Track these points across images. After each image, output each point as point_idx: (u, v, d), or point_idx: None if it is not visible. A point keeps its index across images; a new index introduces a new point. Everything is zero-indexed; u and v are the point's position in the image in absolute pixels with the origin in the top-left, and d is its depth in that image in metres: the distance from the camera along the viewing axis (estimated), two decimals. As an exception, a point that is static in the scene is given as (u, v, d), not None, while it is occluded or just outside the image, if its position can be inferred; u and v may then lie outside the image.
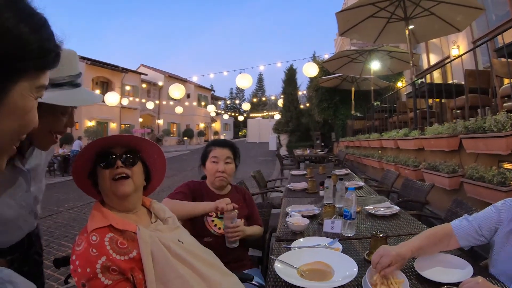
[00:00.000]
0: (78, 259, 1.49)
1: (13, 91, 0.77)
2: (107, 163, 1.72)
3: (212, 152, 3.01)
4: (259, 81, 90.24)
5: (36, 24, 0.79)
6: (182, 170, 18.76)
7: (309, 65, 13.72)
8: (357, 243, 2.41)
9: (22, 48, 0.76)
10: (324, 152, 15.44)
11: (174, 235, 1.78)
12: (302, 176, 6.35)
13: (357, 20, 9.43)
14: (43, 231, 6.66)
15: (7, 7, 0.74)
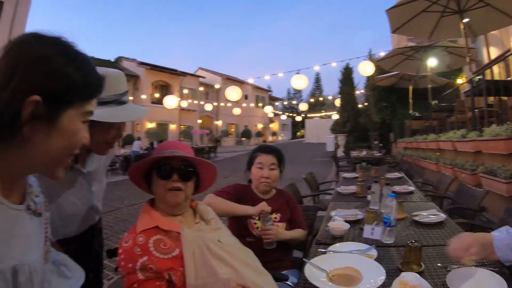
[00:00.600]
0: (123, 254, 1.69)
1: (63, 118, 0.99)
2: (163, 174, 1.87)
3: (258, 158, 3.07)
4: (316, 81, 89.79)
5: (80, 64, 1.03)
6: (239, 171, 18.80)
7: (365, 64, 13.55)
8: (395, 251, 2.37)
9: (69, 84, 0.98)
10: (380, 154, 14.91)
11: (215, 235, 1.88)
12: (354, 179, 6.19)
13: (409, 16, 8.99)
14: (104, 225, 6.98)
15: (56, 53, 0.98)
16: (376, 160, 13.21)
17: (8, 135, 0.93)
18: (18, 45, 0.97)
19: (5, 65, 0.94)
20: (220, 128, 51.66)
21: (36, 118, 0.93)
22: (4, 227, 0.98)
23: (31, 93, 0.91)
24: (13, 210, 1.02)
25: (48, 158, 1.02)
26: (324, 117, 58.18)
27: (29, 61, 0.94)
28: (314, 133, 52.00)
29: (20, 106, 0.91)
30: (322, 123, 51.36)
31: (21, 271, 0.99)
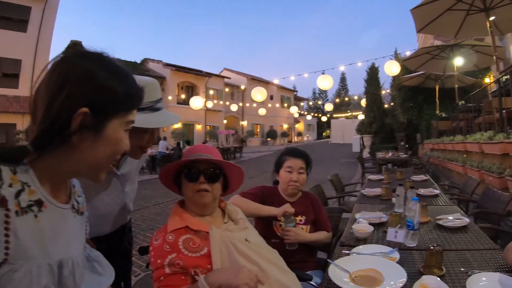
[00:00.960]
0: (154, 251, 1.80)
1: (108, 127, 1.09)
2: (191, 177, 1.95)
3: (287, 162, 3.14)
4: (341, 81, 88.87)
5: (122, 78, 1.13)
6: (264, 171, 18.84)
7: (391, 63, 13.36)
8: (417, 254, 2.39)
9: (113, 98, 1.09)
10: (407, 155, 14.68)
11: (243, 234, 1.97)
12: (379, 181, 6.14)
13: (434, 15, 8.84)
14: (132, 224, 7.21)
15: (101, 69, 1.08)
16: (402, 161, 13.03)
17: (59, 143, 1.03)
18: (65, 61, 1.07)
19: (55, 79, 1.03)
20: (246, 128, 51.68)
21: (84, 128, 1.03)
22: (53, 224, 1.08)
23: (80, 106, 1.01)
24: (60, 209, 1.13)
25: (93, 164, 1.12)
26: (349, 117, 57.68)
27: (77, 76, 1.03)
28: (339, 134, 51.58)
29: (70, 117, 1.01)
30: (347, 124, 50.92)
31: (65, 264, 1.10)
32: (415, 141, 20.77)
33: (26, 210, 0.98)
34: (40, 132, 1.01)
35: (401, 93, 19.69)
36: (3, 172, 0.96)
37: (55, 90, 1.02)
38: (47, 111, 1.01)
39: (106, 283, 1.44)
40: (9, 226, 0.93)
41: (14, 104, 25.83)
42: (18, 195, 0.97)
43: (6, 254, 0.92)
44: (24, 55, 27.03)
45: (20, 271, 0.95)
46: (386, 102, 29.35)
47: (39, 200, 1.04)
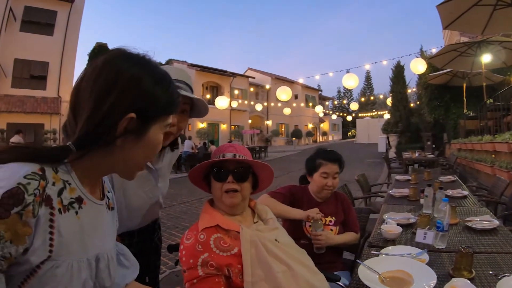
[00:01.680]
0: (185, 250, 1.80)
1: (149, 131, 1.14)
2: (220, 177, 1.96)
3: (323, 167, 3.09)
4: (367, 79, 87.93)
5: (165, 84, 1.18)
6: (290, 170, 18.87)
7: (417, 61, 13.15)
8: (446, 256, 2.37)
9: (156, 103, 1.13)
10: (433, 156, 14.46)
11: (272, 235, 1.97)
12: (406, 182, 6.09)
13: (460, 11, 8.56)
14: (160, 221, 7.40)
15: (146, 74, 1.12)
16: (429, 162, 12.89)
17: (102, 145, 1.06)
18: (113, 63, 1.10)
19: (102, 82, 1.06)
20: (270, 128, 51.57)
21: (128, 132, 1.08)
22: (92, 220, 1.14)
23: (127, 111, 1.05)
24: (98, 205, 1.19)
25: (131, 164, 1.17)
26: (375, 116, 57.15)
27: (124, 81, 1.06)
28: (365, 133, 51.13)
29: (117, 122, 1.05)
30: (373, 123, 50.42)
31: (102, 258, 1.16)
32: (441, 141, 20.39)
33: (68, 207, 1.04)
34: (84, 134, 1.04)
35: (428, 91, 19.26)
36: (46, 172, 0.98)
37: (102, 93, 1.05)
38: (93, 114, 1.03)
39: (131, 276, 1.49)
40: (53, 224, 0.97)
41: (42, 104, 26.51)
42: (61, 193, 1.02)
43: (50, 252, 0.96)
44: (51, 57, 27.81)
45: (62, 266, 0.99)
46: (412, 101, 28.98)
47: (79, 197, 1.09)
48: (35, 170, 0.95)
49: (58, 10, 28.58)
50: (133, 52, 1.16)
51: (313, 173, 3.15)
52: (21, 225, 0.89)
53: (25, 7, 27.16)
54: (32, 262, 0.93)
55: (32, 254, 0.93)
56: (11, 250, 0.88)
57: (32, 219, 0.91)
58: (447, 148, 18.93)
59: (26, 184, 0.91)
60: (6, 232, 0.86)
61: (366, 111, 66.66)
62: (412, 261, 2.19)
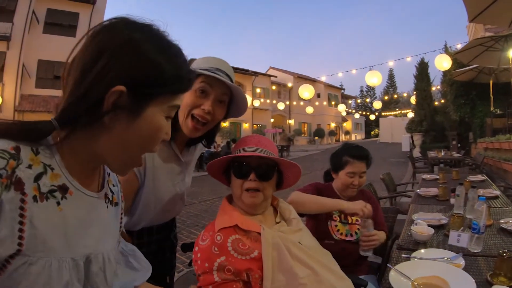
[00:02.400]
0: (200, 253, 1.66)
1: (147, 111, 0.95)
2: (240, 173, 1.80)
3: (350, 166, 2.89)
4: (390, 78, 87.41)
5: (172, 55, 0.98)
6: (313, 169, 18.88)
7: (441, 57, 12.85)
8: (483, 261, 2.21)
9: (159, 75, 0.94)
10: (460, 155, 14.13)
11: (296, 237, 1.81)
12: (434, 181, 5.92)
13: (487, 3, 7.97)
14: (176, 219, 7.41)
15: (148, 40, 0.93)
16: (455, 161, 12.68)
17: (88, 121, 0.91)
18: (107, 28, 0.94)
19: (93, 46, 0.91)
20: (293, 127, 51.63)
21: (118, 108, 0.91)
22: (81, 214, 0.98)
23: (116, 82, 0.89)
24: (90, 197, 1.02)
25: (122, 151, 0.99)
26: (398, 115, 56.64)
27: (117, 45, 0.91)
28: (388, 132, 50.81)
29: (104, 94, 0.89)
30: (396, 122, 50.10)
31: (94, 260, 1.00)
32: (467, 140, 19.89)
33: (47, 196, 0.88)
34: (68, 106, 0.90)
35: (453, 88, 18.85)
36: (22, 151, 0.85)
37: (90, 58, 0.90)
38: (79, 83, 0.89)
39: (141, 279, 1.34)
40: (24, 212, 0.83)
41: None
42: (39, 178, 0.87)
43: (20, 245, 0.82)
44: None
45: (37, 264, 0.85)
46: (436, 99, 28.62)
47: (64, 185, 0.93)
48: (6, 148, 0.82)
49: (80, 12, 29.36)
50: (138, 19, 0.98)
51: (338, 171, 2.96)
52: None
53: (48, 9, 28.04)
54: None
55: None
56: None
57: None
58: (473, 147, 18.33)
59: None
60: None
61: (390, 110, 66.20)
62: (447, 266, 2.04)
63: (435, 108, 26.58)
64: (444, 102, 24.41)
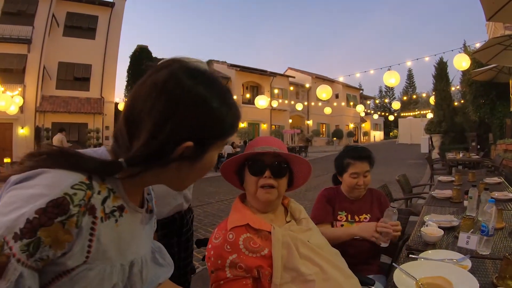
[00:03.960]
0: (213, 250, 1.72)
1: (208, 153, 1.08)
2: (255, 170, 1.86)
3: (351, 167, 2.93)
4: (409, 78, 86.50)
5: (230, 105, 1.09)
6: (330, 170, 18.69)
7: (460, 57, 12.64)
8: (490, 263, 2.21)
9: (221, 127, 1.07)
10: (478, 157, 13.89)
11: (305, 236, 1.86)
12: (449, 183, 5.87)
13: (504, 1, 7.69)
14: (194, 218, 7.57)
15: (213, 96, 1.03)
16: (474, 163, 12.48)
17: (156, 166, 1.03)
18: (176, 79, 1.01)
19: (164, 102, 0.99)
20: (311, 127, 51.50)
21: (184, 158, 1.03)
22: (130, 228, 1.11)
23: (187, 137, 1.00)
24: (139, 213, 1.16)
25: (186, 183, 1.16)
26: (417, 116, 56.16)
27: (190, 103, 1.00)
28: (407, 133, 50.42)
29: (174, 148, 0.99)
30: (415, 123, 49.66)
31: (136, 263, 1.14)
32: (487, 142, 19.47)
33: (109, 215, 1.01)
34: (139, 156, 0.99)
35: (472, 89, 18.49)
36: (94, 181, 0.97)
37: (163, 115, 0.98)
38: (151, 137, 0.98)
39: (164, 275, 1.47)
40: (94, 232, 0.95)
41: (85, 105, 27.80)
42: (104, 202, 1.00)
43: (87, 257, 0.95)
44: (94, 60, 29.29)
45: (95, 270, 0.97)
46: (456, 99, 28.25)
47: (122, 206, 1.06)
48: (83, 180, 0.94)
49: (99, 15, 30.08)
50: (195, 66, 1.07)
51: (342, 173, 3.02)
52: (62, 233, 0.88)
53: (67, 13, 28.73)
54: (68, 265, 0.92)
55: (69, 258, 0.92)
56: (49, 254, 0.87)
57: (75, 229, 0.90)
58: (493, 149, 17.94)
59: (73, 195, 0.90)
60: (46, 238, 0.85)
61: (409, 110, 65.54)
62: (453, 267, 2.04)
63: (454, 108, 26.09)
64: (463, 102, 24.09)
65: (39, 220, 0.84)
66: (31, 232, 0.83)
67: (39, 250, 0.85)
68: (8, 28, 25.64)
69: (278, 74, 45.62)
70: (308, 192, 12.39)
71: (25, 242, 0.83)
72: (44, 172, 0.91)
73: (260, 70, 42.79)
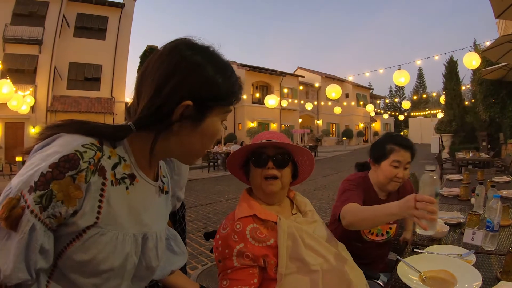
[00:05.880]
0: (221, 240, 1.81)
1: (207, 119, 1.16)
2: (259, 162, 1.91)
3: (395, 154, 2.63)
4: (419, 77, 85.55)
5: (227, 74, 1.19)
6: (339, 170, 18.90)
7: (470, 55, 12.49)
8: (495, 259, 2.22)
9: (216, 92, 1.15)
10: (488, 156, 13.78)
11: (310, 227, 1.93)
12: (458, 182, 5.83)
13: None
14: (203, 217, 8.84)
15: (209, 63, 1.14)
16: (484, 163, 12.40)
17: (160, 128, 1.12)
18: (177, 50, 1.14)
19: (165, 67, 1.11)
20: (321, 127, 51.37)
21: (185, 118, 1.11)
22: (143, 198, 1.21)
23: (185, 97, 1.09)
24: (151, 185, 1.26)
25: (188, 150, 1.21)
26: (428, 115, 55.75)
27: (186, 67, 1.10)
28: (417, 133, 49.96)
29: (174, 107, 1.09)
30: (426, 122, 49.32)
31: (150, 238, 1.23)
32: (498, 141, 19.36)
33: (119, 181, 1.11)
34: (144, 116, 1.10)
35: (482, 87, 18.32)
36: (104, 146, 1.07)
37: (163, 78, 1.10)
38: (154, 98, 1.09)
39: (178, 263, 1.60)
40: (104, 193, 1.05)
41: (96, 104, 28.03)
42: (115, 167, 1.10)
43: (97, 218, 1.04)
44: (104, 60, 29.61)
45: (107, 235, 1.06)
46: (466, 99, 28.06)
47: (133, 174, 1.17)
48: (94, 142, 1.04)
49: (109, 16, 30.44)
50: (197, 41, 1.19)
51: (381, 161, 2.69)
52: (73, 188, 0.97)
53: (78, 14, 29.12)
54: (79, 225, 1.01)
55: (80, 217, 1.01)
56: (61, 210, 0.96)
57: (84, 184, 0.99)
58: (503, 148, 17.77)
59: (83, 152, 0.99)
60: (58, 193, 0.94)
61: (419, 110, 64.98)
62: (457, 261, 2.05)
63: (465, 108, 25.91)
64: (474, 102, 23.92)
65: (52, 173, 0.94)
66: (45, 184, 0.93)
67: (52, 205, 0.94)
68: (20, 29, 25.99)
69: (287, 74, 45.56)
70: (317, 191, 12.50)
71: (39, 194, 0.93)
72: (60, 136, 1.03)
73: (270, 69, 42.86)
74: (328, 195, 11.68)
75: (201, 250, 6.00)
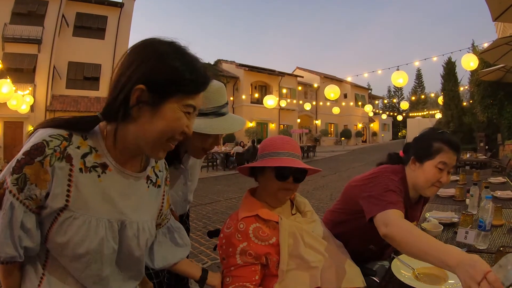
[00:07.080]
0: (225, 239, 1.88)
1: (165, 105, 1.19)
2: (282, 176, 1.93)
3: (443, 154, 2.27)
4: (417, 77, 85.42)
5: (187, 61, 1.22)
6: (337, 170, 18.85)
7: (468, 57, 12.54)
8: (487, 257, 2.27)
9: (175, 77, 1.19)
10: (485, 157, 13.88)
11: (310, 227, 2.02)
12: (454, 182, 5.76)
13: (510, 1, 7.65)
14: (203, 216, 8.89)
15: (170, 51, 1.21)
16: (481, 163, 12.44)
17: (122, 114, 1.18)
18: (143, 44, 1.23)
19: (126, 59, 1.21)
20: (319, 127, 51.35)
21: (142, 103, 1.17)
22: (118, 187, 1.29)
23: (139, 82, 1.15)
24: (128, 175, 1.32)
25: (150, 138, 1.22)
26: (426, 116, 55.67)
27: (145, 55, 1.19)
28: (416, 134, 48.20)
29: (130, 93, 1.16)
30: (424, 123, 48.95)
31: (129, 226, 1.32)
32: (495, 142, 19.49)
33: (90, 169, 1.22)
34: (107, 104, 1.22)
35: (480, 89, 18.54)
36: (74, 137, 1.20)
37: (125, 66, 1.20)
38: (115, 86, 1.20)
39: (180, 255, 1.72)
40: (72, 178, 1.18)
41: (95, 104, 27.87)
42: (85, 156, 1.21)
43: (67, 201, 1.17)
44: (103, 60, 29.49)
45: (79, 219, 1.19)
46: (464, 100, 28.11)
47: (104, 163, 1.26)
48: (62, 134, 1.18)
49: (108, 15, 30.49)
50: (168, 39, 1.25)
51: (425, 160, 2.32)
52: (42, 172, 1.13)
53: (77, 13, 29.15)
54: (52, 206, 1.16)
55: (52, 199, 1.16)
56: (36, 192, 1.13)
57: (49, 168, 1.13)
58: (501, 149, 18.04)
59: (49, 141, 1.14)
60: (31, 176, 1.11)
61: (417, 111, 64.91)
62: (449, 259, 2.11)
63: (462, 108, 26.01)
64: (472, 102, 23.99)
65: (24, 159, 1.12)
66: (19, 168, 1.11)
67: (27, 187, 1.12)
68: (19, 29, 26.00)
69: (286, 74, 45.56)
70: (315, 191, 12.55)
71: (15, 177, 1.11)
72: (37, 131, 1.20)
73: (269, 69, 42.79)
74: (326, 195, 11.70)
75: (201, 249, 6.06)
